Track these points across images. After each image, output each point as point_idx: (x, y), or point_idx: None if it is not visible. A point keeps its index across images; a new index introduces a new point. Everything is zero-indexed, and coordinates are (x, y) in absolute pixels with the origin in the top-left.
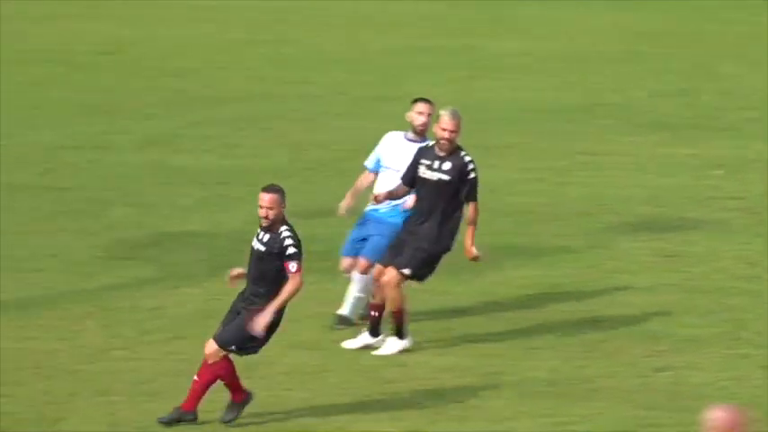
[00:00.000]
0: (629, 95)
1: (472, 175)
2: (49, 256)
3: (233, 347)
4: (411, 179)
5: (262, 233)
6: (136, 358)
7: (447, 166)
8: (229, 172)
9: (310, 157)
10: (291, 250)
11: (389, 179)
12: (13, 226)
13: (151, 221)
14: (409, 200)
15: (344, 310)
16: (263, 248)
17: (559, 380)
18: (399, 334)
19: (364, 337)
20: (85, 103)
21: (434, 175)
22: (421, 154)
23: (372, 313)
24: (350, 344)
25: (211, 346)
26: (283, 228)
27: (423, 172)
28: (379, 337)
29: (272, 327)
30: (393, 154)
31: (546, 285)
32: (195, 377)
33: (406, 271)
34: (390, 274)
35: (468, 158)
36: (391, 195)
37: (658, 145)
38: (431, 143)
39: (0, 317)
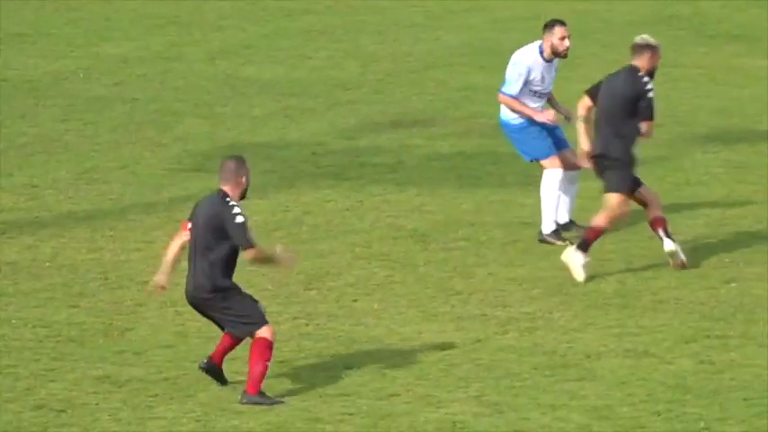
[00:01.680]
0: (702, 6)
1: None
2: (119, 168)
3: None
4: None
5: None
6: None
7: None
8: (300, 83)
9: (381, 69)
10: None
11: (535, 99)
12: (84, 138)
13: (221, 133)
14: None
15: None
16: None
17: (627, 292)
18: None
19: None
20: (156, 14)
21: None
22: None
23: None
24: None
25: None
26: None
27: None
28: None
29: None
30: (538, 75)
31: None
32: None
33: None
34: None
35: None
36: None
37: (731, 56)
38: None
39: (70, 228)
